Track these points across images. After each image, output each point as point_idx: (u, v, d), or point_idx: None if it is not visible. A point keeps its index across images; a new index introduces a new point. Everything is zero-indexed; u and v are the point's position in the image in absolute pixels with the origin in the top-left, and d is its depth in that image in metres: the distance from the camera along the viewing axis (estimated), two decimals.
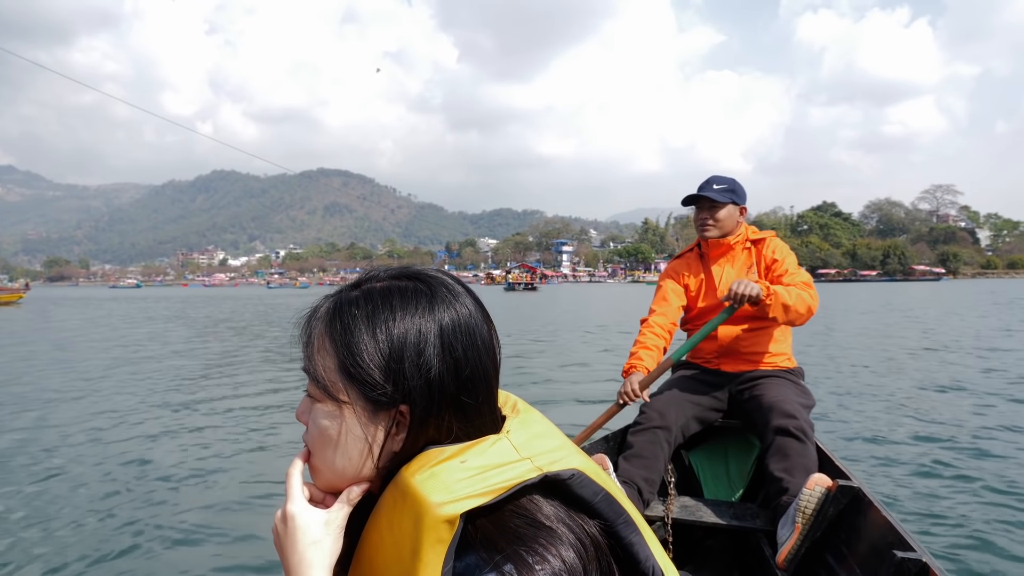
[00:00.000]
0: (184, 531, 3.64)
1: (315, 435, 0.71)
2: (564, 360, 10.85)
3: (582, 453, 0.71)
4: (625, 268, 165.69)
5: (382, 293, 0.70)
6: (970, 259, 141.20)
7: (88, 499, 4.14)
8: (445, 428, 0.68)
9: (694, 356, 2.89)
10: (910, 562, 1.60)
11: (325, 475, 0.72)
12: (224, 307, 36.05)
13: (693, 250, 2.96)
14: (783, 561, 2.08)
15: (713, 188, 2.74)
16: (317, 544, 0.69)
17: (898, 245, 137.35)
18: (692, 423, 2.69)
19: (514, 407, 0.76)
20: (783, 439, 2.37)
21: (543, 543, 0.62)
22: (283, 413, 6.71)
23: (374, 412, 0.68)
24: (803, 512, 2.05)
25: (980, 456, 4.79)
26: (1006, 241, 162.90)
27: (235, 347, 13.80)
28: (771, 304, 2.44)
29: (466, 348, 0.69)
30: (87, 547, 3.45)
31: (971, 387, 7.66)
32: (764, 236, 2.83)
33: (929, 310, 24.49)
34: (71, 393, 8.11)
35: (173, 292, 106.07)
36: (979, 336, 13.88)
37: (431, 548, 0.61)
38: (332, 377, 0.69)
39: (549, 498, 0.66)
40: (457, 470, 0.64)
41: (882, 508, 1.94)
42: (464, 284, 0.75)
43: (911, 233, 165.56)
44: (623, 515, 0.69)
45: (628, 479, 2.47)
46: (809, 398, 2.61)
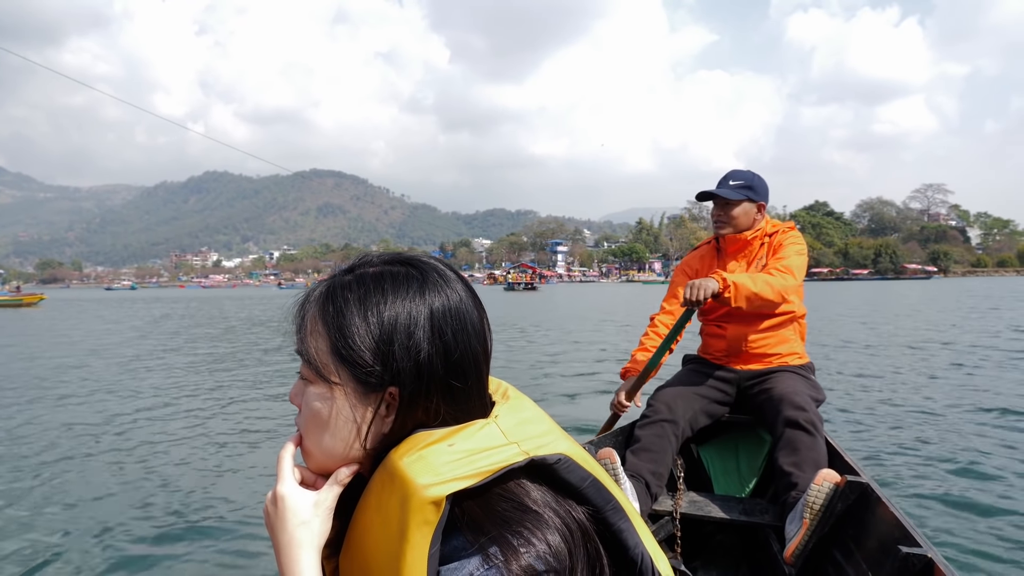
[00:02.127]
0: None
1: (307, 416, 0.73)
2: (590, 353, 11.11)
3: (570, 439, 0.72)
4: (620, 268, 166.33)
5: (374, 277, 0.71)
6: (960, 258, 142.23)
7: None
8: (434, 411, 0.69)
9: (704, 354, 2.88)
10: (915, 557, 1.62)
11: (316, 457, 0.73)
12: (254, 309, 35.35)
13: (711, 243, 2.93)
14: (791, 556, 2.08)
15: (729, 185, 2.68)
16: (306, 525, 0.70)
17: (889, 244, 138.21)
18: (700, 416, 2.67)
19: (504, 393, 0.77)
20: (793, 432, 2.36)
21: (529, 527, 0.63)
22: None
23: (364, 394, 0.69)
24: (811, 507, 2.04)
25: (989, 453, 4.80)
26: (996, 240, 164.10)
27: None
28: (731, 296, 2.38)
29: (456, 332, 0.70)
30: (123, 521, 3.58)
31: (980, 382, 7.74)
32: (779, 228, 2.76)
33: (929, 306, 24.56)
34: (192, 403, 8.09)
35: (171, 293, 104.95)
36: (985, 332, 13.94)
37: (417, 529, 0.62)
38: (324, 359, 0.70)
39: (537, 483, 0.67)
40: (444, 453, 0.65)
41: (889, 504, 1.95)
42: (456, 270, 0.75)
43: (902, 232, 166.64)
44: (611, 501, 0.69)
45: (636, 473, 2.45)
46: (819, 392, 2.59)
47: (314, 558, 0.70)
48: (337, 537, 0.74)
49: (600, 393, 7.77)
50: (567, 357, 11.37)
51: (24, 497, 4.26)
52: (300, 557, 0.69)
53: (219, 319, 25.80)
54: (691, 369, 2.84)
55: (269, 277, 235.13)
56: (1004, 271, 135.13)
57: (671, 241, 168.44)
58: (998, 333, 13.83)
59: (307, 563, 0.69)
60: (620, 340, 14.10)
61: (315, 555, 0.70)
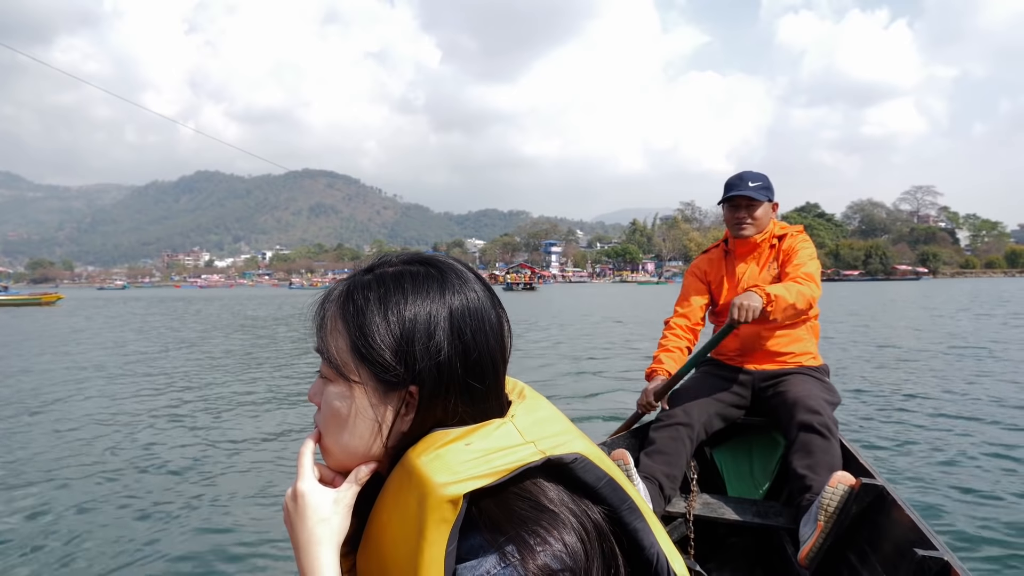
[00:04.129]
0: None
1: (326, 415, 0.73)
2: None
3: (586, 438, 0.72)
4: (613, 268, 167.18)
5: (394, 277, 0.71)
6: (950, 259, 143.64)
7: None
8: (452, 411, 0.70)
9: (717, 354, 2.87)
10: (931, 560, 1.60)
11: (335, 455, 0.74)
12: (283, 308, 34.56)
13: (719, 246, 2.96)
14: (804, 559, 2.07)
15: (750, 186, 2.69)
16: (326, 522, 0.71)
17: (880, 245, 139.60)
18: (715, 420, 2.67)
19: (520, 393, 0.78)
20: (807, 435, 2.36)
21: (545, 526, 0.63)
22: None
23: (384, 393, 0.70)
24: (825, 510, 2.04)
25: (1009, 455, 4.75)
26: (984, 241, 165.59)
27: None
28: (773, 310, 2.38)
29: (475, 332, 0.70)
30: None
31: (998, 381, 7.77)
32: (788, 231, 2.78)
33: (928, 306, 24.53)
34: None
35: (168, 293, 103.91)
36: (996, 332, 14.05)
37: (435, 527, 0.62)
38: (344, 357, 0.70)
39: (553, 482, 0.67)
40: (462, 452, 0.65)
41: (905, 507, 1.94)
42: (474, 270, 0.76)
43: (892, 233, 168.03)
44: (627, 501, 0.70)
45: (649, 475, 2.45)
46: (834, 395, 2.59)
47: (333, 555, 0.70)
48: (354, 535, 0.74)
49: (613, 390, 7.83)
50: (586, 352, 11.59)
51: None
52: (320, 554, 0.70)
53: (259, 318, 25.89)
54: (706, 372, 2.84)
55: (263, 277, 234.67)
56: (992, 272, 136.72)
57: (664, 242, 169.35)
58: (1006, 333, 13.92)
59: (326, 560, 0.70)
60: (631, 336, 14.25)
61: (334, 552, 0.70)
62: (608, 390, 7.92)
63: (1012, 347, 11.52)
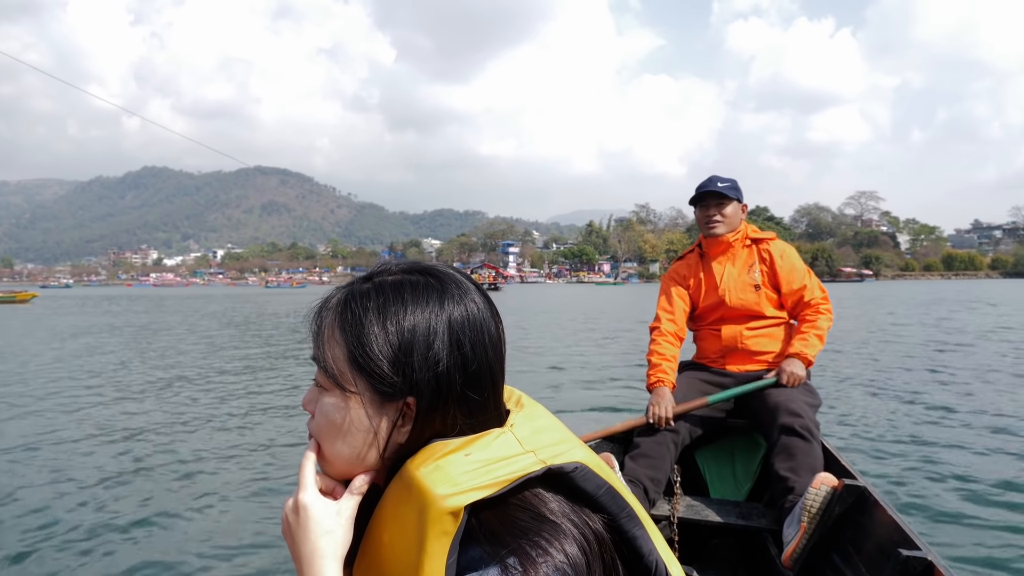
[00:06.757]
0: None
1: (321, 424, 0.72)
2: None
3: (585, 447, 0.71)
4: (570, 269, 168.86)
5: (393, 286, 0.70)
6: (891, 262, 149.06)
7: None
8: (450, 422, 0.69)
9: (700, 357, 2.94)
10: (915, 560, 1.60)
11: (336, 464, 0.73)
12: (281, 306, 33.78)
13: (694, 251, 3.00)
14: (788, 560, 2.08)
15: (719, 185, 2.78)
16: (330, 534, 0.69)
17: (826, 248, 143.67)
18: (699, 423, 2.70)
19: (518, 402, 0.77)
20: (789, 438, 2.39)
21: (547, 537, 0.62)
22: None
23: (381, 403, 0.69)
24: (808, 511, 2.05)
25: (987, 456, 4.83)
26: (923, 245, 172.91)
27: None
28: (812, 361, 2.67)
29: (474, 344, 0.69)
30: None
31: (970, 385, 7.92)
32: (766, 237, 2.86)
33: (889, 308, 25.10)
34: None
35: (117, 292, 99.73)
36: (964, 332, 14.44)
37: (435, 540, 0.61)
38: (341, 367, 0.69)
39: (553, 492, 0.66)
40: (461, 463, 0.64)
41: (888, 507, 1.94)
42: (473, 280, 0.75)
43: (838, 237, 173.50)
44: (626, 509, 0.69)
45: (634, 478, 2.47)
46: (815, 397, 2.63)
47: (337, 568, 0.69)
48: (350, 548, 0.73)
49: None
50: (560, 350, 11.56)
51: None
52: (324, 568, 0.68)
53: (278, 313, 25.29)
54: (690, 375, 2.87)
55: (216, 276, 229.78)
56: (930, 275, 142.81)
57: (619, 243, 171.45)
58: (979, 331, 14.40)
59: (331, 574, 0.68)
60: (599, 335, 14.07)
61: (338, 565, 0.69)
62: (582, 387, 8.19)
63: (977, 349, 11.84)
